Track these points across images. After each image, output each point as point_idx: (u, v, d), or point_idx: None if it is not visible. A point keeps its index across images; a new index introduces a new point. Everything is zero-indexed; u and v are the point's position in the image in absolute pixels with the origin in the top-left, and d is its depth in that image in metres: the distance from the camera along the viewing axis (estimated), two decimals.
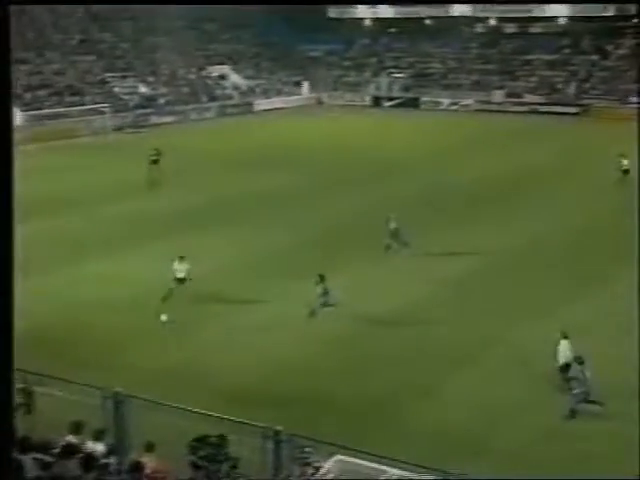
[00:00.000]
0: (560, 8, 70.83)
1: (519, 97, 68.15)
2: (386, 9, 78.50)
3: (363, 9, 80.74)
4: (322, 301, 19.69)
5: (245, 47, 78.48)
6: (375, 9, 79.97)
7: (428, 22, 79.15)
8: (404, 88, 73.57)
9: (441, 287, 22.56)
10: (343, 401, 15.69)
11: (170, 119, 61.02)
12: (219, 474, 9.87)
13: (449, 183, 36.22)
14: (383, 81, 74.98)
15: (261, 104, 69.18)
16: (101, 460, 9.52)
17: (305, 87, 75.24)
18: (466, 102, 68.74)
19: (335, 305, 19.48)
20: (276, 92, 73.06)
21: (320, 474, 10.16)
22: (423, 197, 33.42)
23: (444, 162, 41.94)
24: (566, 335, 16.01)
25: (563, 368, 15.68)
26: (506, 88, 69.42)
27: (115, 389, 10.80)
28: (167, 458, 10.00)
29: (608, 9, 67.34)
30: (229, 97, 69.46)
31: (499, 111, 65.26)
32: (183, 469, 9.85)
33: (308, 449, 10.29)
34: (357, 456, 10.16)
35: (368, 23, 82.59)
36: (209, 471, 9.85)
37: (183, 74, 69.61)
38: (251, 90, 71.83)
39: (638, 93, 54.20)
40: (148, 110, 60.94)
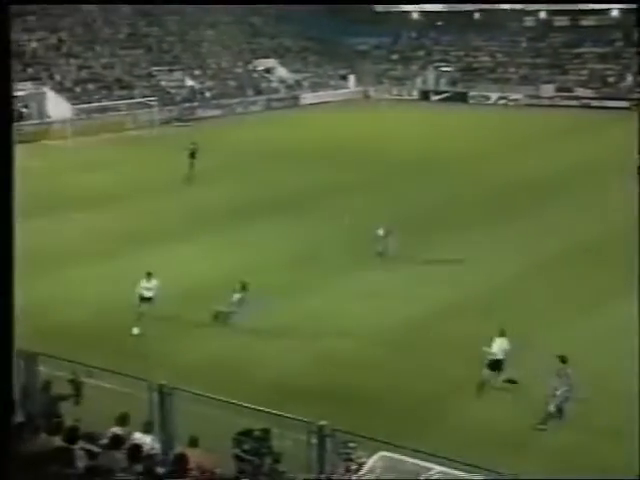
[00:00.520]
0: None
1: (569, 91, 67.07)
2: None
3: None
4: (235, 310, 18.99)
5: (291, 41, 78.47)
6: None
7: (477, 15, 78.38)
8: (451, 82, 72.95)
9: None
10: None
11: (216, 112, 61.33)
12: (262, 468, 9.89)
13: (507, 180, 35.98)
14: (430, 75, 74.37)
15: (307, 98, 69.13)
16: (147, 452, 9.62)
17: (352, 81, 74.97)
18: (515, 96, 67.92)
19: None
20: (322, 86, 73.00)
21: (364, 470, 10.09)
22: (488, 194, 33.64)
23: (498, 159, 41.48)
24: (503, 332, 15.88)
25: (493, 364, 15.63)
26: (556, 82, 68.41)
27: (161, 382, 10.86)
28: (211, 451, 10.04)
29: None
30: (275, 91, 69.56)
31: (550, 105, 64.28)
32: (227, 462, 9.89)
33: (352, 444, 10.22)
34: (401, 452, 10.06)
35: (415, 16, 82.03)
36: (253, 465, 9.88)
37: (229, 68, 69.92)
38: (297, 84, 71.82)
39: None
40: (195, 103, 61.38)
